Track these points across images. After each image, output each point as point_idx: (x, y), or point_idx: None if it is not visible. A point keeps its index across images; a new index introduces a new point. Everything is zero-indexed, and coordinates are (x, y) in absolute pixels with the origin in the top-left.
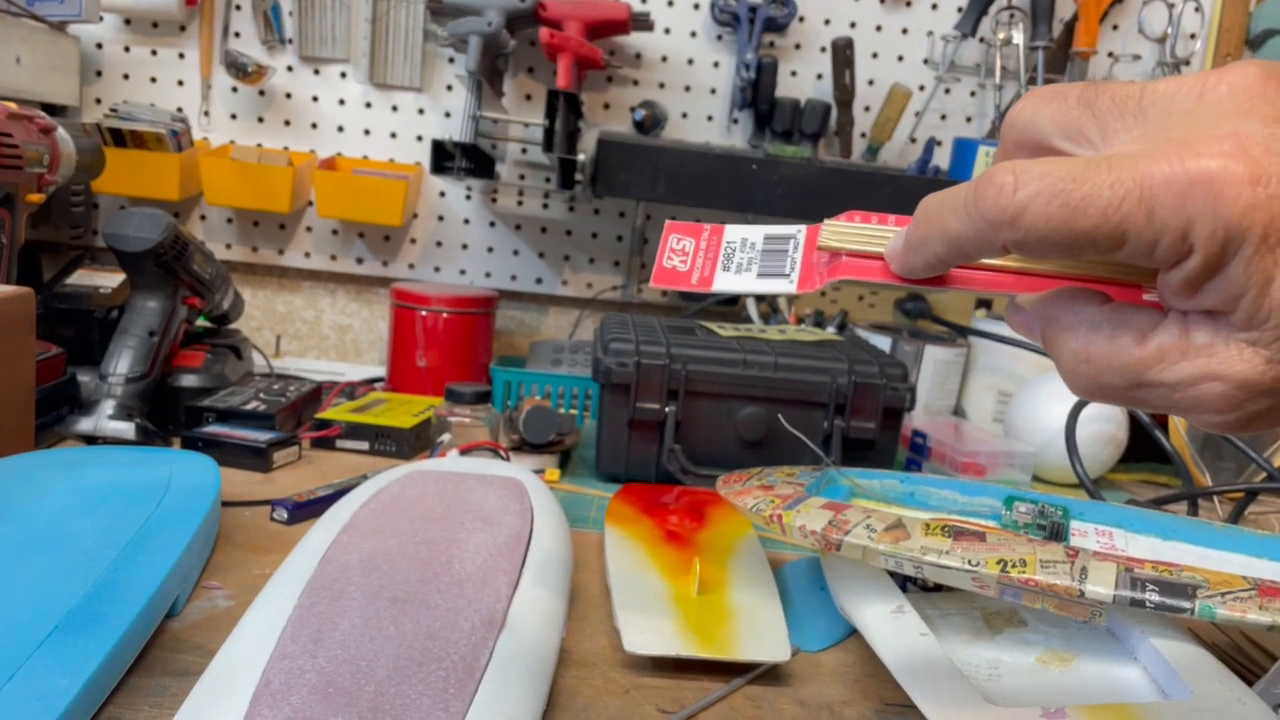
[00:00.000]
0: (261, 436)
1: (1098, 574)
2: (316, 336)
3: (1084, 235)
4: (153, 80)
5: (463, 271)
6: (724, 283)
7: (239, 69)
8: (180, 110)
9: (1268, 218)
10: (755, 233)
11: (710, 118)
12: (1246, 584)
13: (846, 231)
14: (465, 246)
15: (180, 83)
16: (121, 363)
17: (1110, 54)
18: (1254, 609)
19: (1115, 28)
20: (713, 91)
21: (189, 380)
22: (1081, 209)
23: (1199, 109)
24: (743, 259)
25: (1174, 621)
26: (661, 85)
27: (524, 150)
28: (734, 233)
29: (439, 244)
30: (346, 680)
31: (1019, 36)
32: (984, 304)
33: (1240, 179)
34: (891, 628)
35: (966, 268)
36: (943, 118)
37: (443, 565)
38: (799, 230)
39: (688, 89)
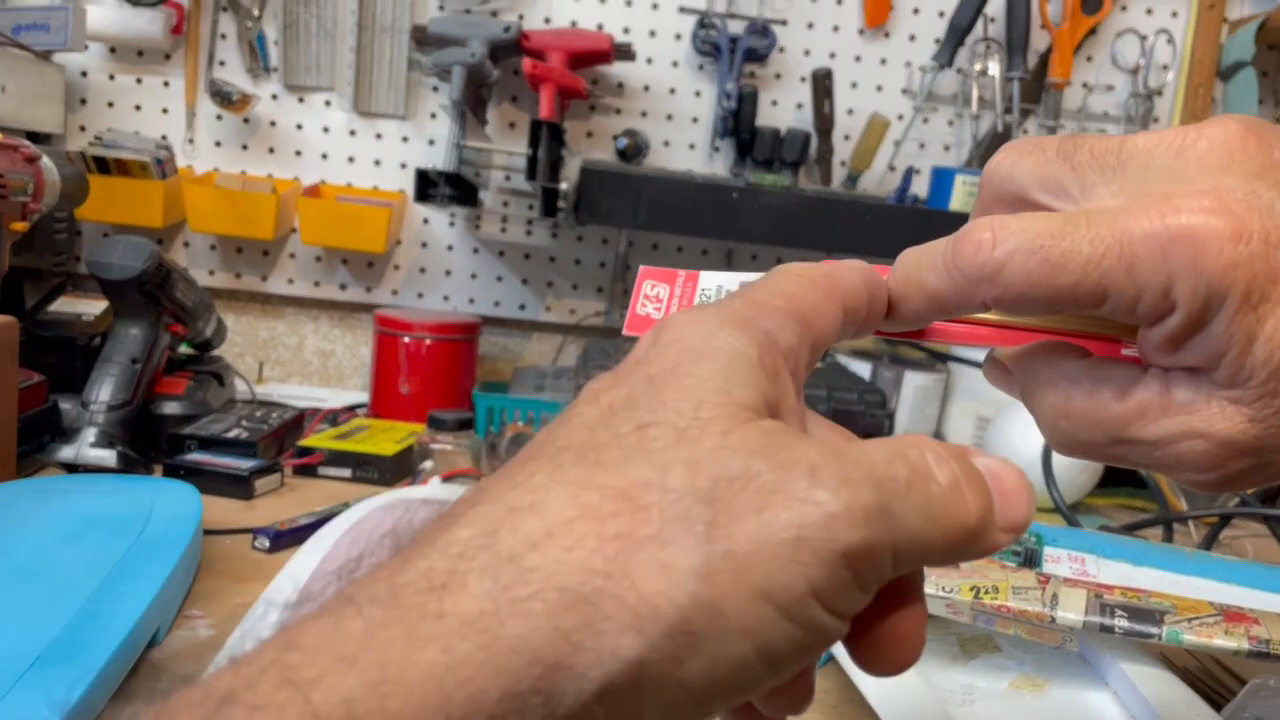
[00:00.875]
0: (243, 464)
1: (1068, 600)
2: (299, 362)
3: (1064, 291)
4: (137, 108)
5: (446, 298)
6: None
7: (224, 97)
8: (164, 138)
9: (1250, 275)
10: (731, 280)
11: (692, 146)
12: (1213, 610)
13: None
14: (448, 273)
15: (165, 110)
16: (104, 390)
17: (1084, 85)
18: (1219, 634)
19: (1089, 59)
20: (694, 120)
21: (171, 407)
22: (1061, 265)
23: (1178, 164)
24: None
25: (1144, 647)
26: (644, 114)
27: (507, 177)
28: (709, 280)
29: (422, 270)
30: None
31: (995, 68)
32: None
33: (1222, 235)
34: None
35: (945, 321)
36: (921, 146)
37: None
38: None
39: (670, 118)
